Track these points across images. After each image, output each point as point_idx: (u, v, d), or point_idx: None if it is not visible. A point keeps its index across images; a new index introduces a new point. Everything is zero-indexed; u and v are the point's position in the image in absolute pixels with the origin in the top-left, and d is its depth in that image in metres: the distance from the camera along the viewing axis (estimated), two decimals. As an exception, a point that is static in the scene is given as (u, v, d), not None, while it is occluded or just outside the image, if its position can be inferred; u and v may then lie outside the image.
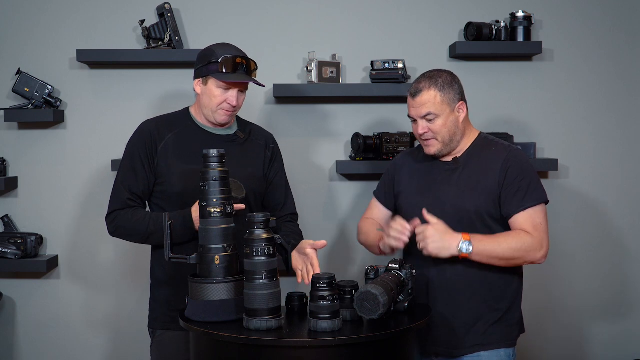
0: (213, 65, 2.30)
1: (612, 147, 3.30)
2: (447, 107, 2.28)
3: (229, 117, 2.38)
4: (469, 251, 2.16)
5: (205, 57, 2.34)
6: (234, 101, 2.33)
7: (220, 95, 2.33)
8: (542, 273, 3.24)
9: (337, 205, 3.26)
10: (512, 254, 2.21)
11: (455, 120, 2.31)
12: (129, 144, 2.41)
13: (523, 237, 2.22)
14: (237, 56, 2.32)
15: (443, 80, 2.30)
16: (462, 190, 2.29)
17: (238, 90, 2.35)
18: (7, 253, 3.07)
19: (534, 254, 2.23)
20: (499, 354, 2.29)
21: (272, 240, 1.95)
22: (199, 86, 2.37)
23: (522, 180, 2.25)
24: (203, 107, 2.38)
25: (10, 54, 3.16)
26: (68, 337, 3.24)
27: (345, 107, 3.23)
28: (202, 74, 2.35)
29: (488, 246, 2.19)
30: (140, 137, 2.40)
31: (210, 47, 2.37)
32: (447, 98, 2.28)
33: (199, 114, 2.42)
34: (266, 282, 1.92)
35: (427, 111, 2.28)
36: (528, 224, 2.23)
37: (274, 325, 1.91)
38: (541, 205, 2.27)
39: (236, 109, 2.38)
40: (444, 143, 2.32)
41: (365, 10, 3.22)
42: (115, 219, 2.36)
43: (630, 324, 3.34)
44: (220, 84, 2.31)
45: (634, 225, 3.32)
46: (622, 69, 3.28)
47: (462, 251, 2.16)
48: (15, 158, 3.20)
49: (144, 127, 2.42)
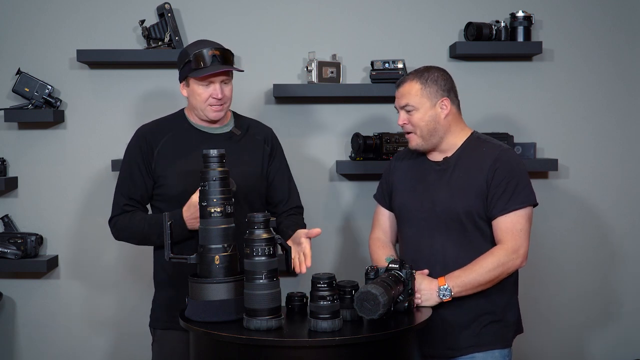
0: (188, 65, 2.31)
1: (612, 147, 3.30)
2: (426, 101, 2.29)
3: (220, 112, 2.36)
4: (450, 295, 2.17)
5: (181, 59, 2.35)
6: (218, 94, 2.31)
7: (204, 92, 2.32)
8: (541, 273, 3.25)
9: (337, 205, 3.26)
10: (492, 274, 2.20)
11: (436, 116, 2.30)
12: (126, 150, 2.44)
13: (496, 253, 2.22)
14: (208, 49, 2.30)
15: (429, 74, 2.31)
16: (452, 190, 2.28)
17: (220, 82, 2.32)
18: (7, 253, 3.07)
19: (513, 263, 2.22)
20: (494, 354, 2.28)
21: (272, 240, 1.94)
22: (184, 89, 2.39)
23: (509, 182, 2.24)
24: (193, 108, 2.39)
25: (10, 54, 3.16)
26: (68, 337, 3.24)
27: (345, 107, 3.23)
28: (182, 76, 2.36)
29: (466, 279, 2.19)
30: (136, 142, 2.42)
31: (184, 48, 2.38)
32: (428, 92, 2.29)
33: (192, 115, 2.43)
34: (266, 282, 1.92)
35: (406, 102, 2.31)
36: (507, 232, 2.23)
37: (274, 325, 1.90)
38: (527, 209, 2.25)
39: (224, 101, 2.35)
40: (423, 137, 2.31)
41: (365, 10, 3.22)
42: (116, 224, 2.41)
43: (629, 324, 3.34)
44: (198, 81, 2.30)
45: (633, 225, 3.32)
46: (622, 69, 3.28)
47: (444, 298, 2.17)
48: (15, 158, 3.20)
49: (139, 133, 2.44)
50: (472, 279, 2.19)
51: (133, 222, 2.36)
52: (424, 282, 2.18)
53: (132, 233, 2.37)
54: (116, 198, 2.42)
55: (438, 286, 2.17)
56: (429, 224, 2.30)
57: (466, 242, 2.26)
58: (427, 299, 2.17)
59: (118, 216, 2.40)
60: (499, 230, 2.24)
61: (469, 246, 2.26)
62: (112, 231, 2.43)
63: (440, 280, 2.18)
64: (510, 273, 2.26)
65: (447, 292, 2.16)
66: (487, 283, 2.21)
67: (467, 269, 2.20)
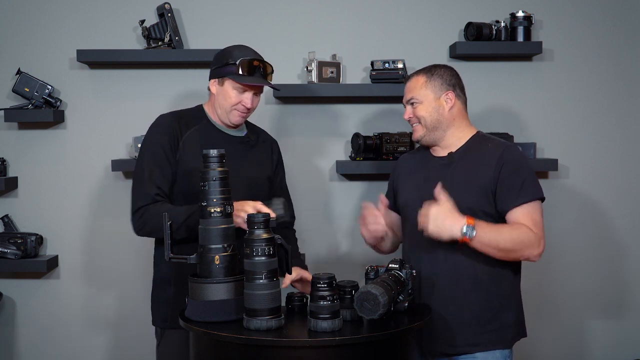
0: (230, 67, 2.33)
1: (612, 147, 3.30)
2: (430, 93, 2.32)
3: (242, 119, 2.42)
4: (472, 236, 2.09)
5: (222, 58, 2.37)
6: (248, 103, 2.37)
7: (236, 97, 2.36)
8: (542, 273, 3.25)
9: (337, 205, 3.26)
10: (512, 245, 2.16)
11: (440, 107, 2.32)
12: (149, 138, 2.37)
13: (525, 230, 2.18)
14: (254, 59, 2.36)
15: (436, 69, 2.36)
16: (456, 185, 2.26)
17: (253, 93, 2.38)
18: (7, 253, 3.07)
19: (532, 250, 2.19)
20: (494, 354, 2.27)
21: (272, 240, 1.95)
22: (214, 86, 2.40)
23: (517, 176, 2.23)
24: (217, 107, 2.40)
25: (10, 54, 3.16)
26: (68, 337, 3.24)
27: (345, 107, 3.23)
28: (218, 75, 2.38)
29: (490, 234, 2.14)
30: (163, 130, 2.36)
31: (228, 48, 2.40)
32: (432, 85, 2.32)
33: (213, 113, 2.44)
34: (266, 282, 1.92)
35: (411, 96, 2.35)
36: (528, 219, 2.20)
37: (274, 325, 1.91)
38: (537, 202, 2.25)
39: (250, 111, 2.42)
40: (427, 128, 2.33)
41: (365, 10, 3.22)
42: (144, 214, 2.27)
43: (630, 324, 3.34)
44: (236, 86, 2.35)
45: (634, 225, 3.32)
46: (622, 69, 3.28)
47: (465, 235, 2.09)
48: (15, 158, 3.20)
49: (164, 121, 2.40)
50: (494, 238, 2.14)
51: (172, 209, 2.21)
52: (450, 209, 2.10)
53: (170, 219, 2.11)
54: (143, 187, 2.29)
55: (465, 223, 2.09)
56: None
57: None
58: (443, 229, 2.09)
59: (147, 206, 2.26)
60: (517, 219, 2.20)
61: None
62: (137, 223, 2.28)
63: (468, 219, 2.10)
64: (523, 259, 2.23)
65: (472, 233, 2.08)
66: (502, 251, 2.16)
67: (493, 227, 2.16)
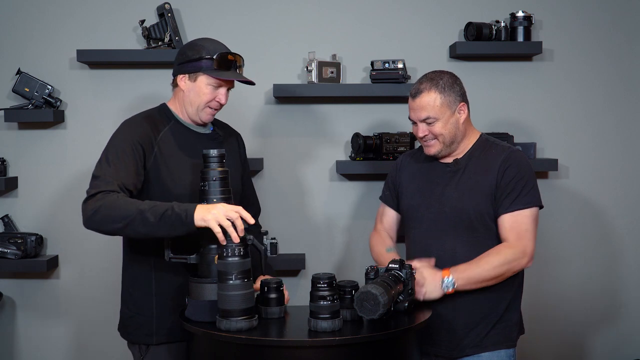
0: (206, 62, 2.19)
1: (612, 147, 3.30)
2: (447, 110, 2.28)
3: (212, 116, 2.29)
4: (453, 287, 2.15)
5: (194, 52, 2.21)
6: (223, 99, 2.25)
7: (210, 93, 2.22)
8: (542, 274, 3.25)
9: (337, 205, 3.25)
10: (498, 271, 2.20)
11: (456, 122, 2.30)
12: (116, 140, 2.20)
13: (503, 251, 2.21)
14: (229, 52, 2.23)
15: (444, 82, 2.28)
16: (462, 191, 2.28)
17: (227, 89, 2.26)
18: (7, 253, 3.07)
19: (519, 263, 2.23)
20: (500, 354, 2.28)
21: (244, 240, 1.94)
22: (184, 82, 2.24)
23: (517, 182, 2.25)
24: (187, 105, 2.25)
25: (10, 54, 3.16)
26: (68, 337, 3.24)
27: (345, 107, 3.23)
28: (190, 70, 2.22)
29: (471, 274, 2.18)
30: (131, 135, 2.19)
31: (197, 42, 2.25)
32: (448, 100, 2.27)
33: (180, 111, 2.30)
34: (238, 282, 1.90)
35: (427, 115, 2.28)
36: (512, 231, 2.23)
37: (244, 326, 1.89)
38: (533, 209, 2.26)
39: (222, 107, 2.29)
40: (445, 144, 2.31)
41: (365, 10, 3.22)
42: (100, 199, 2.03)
43: (629, 324, 3.34)
44: (211, 81, 2.21)
45: (634, 225, 3.32)
46: (622, 69, 3.28)
47: (447, 289, 2.15)
48: (15, 158, 3.20)
49: (134, 124, 2.24)
50: (477, 274, 2.18)
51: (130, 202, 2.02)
52: (428, 272, 2.16)
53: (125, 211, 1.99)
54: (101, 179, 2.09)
55: (442, 277, 2.15)
56: (438, 225, 2.30)
57: (476, 243, 2.26)
58: (431, 291, 2.15)
59: (109, 192, 2.04)
60: (504, 229, 2.24)
61: (478, 247, 2.25)
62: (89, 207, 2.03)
63: (444, 272, 2.16)
64: (516, 272, 2.26)
65: (450, 284, 2.15)
66: (491, 280, 2.20)
67: (473, 264, 2.20)
